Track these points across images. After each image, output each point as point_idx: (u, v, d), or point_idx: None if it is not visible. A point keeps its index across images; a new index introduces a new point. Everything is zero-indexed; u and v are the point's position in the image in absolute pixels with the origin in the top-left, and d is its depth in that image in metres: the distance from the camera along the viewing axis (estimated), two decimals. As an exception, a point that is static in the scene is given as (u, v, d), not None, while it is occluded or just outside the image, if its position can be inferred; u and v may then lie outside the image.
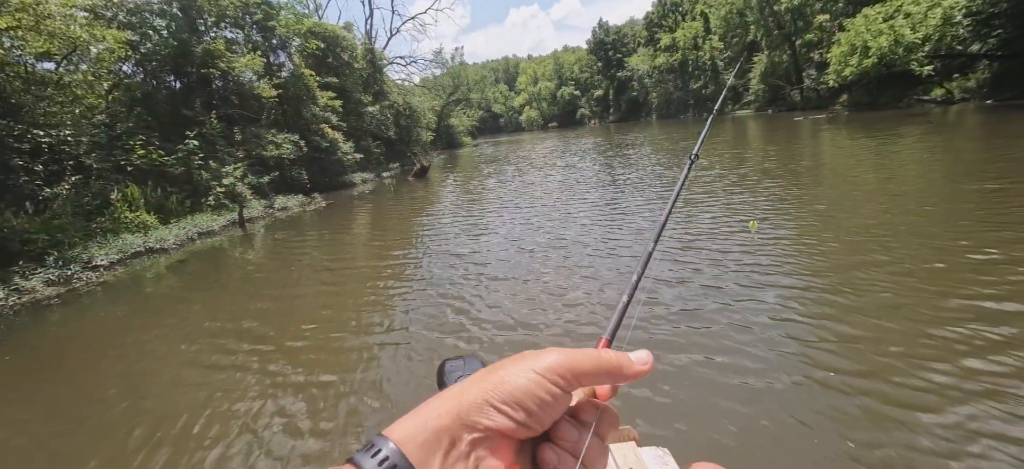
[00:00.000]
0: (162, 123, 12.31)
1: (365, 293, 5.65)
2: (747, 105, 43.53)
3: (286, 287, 6.43)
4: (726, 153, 14.39)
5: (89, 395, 3.93)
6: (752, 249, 5.29)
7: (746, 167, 11.08)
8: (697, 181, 10.05)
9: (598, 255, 5.91)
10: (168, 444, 3.04)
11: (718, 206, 7.52)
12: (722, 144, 17.73)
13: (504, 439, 0.33)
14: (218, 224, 10.90)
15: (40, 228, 8.01)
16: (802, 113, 30.14)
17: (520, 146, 34.72)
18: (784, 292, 4.12)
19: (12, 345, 5.35)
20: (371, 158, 22.92)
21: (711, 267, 4.90)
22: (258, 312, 5.45)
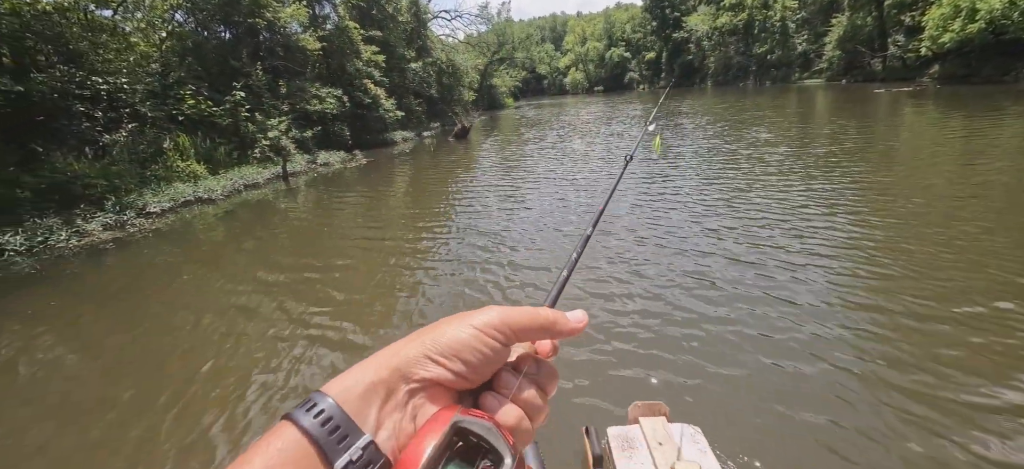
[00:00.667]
0: (211, 74, 12.48)
1: (393, 264, 5.46)
2: (818, 74, 39.67)
3: (325, 244, 6.50)
4: (791, 128, 13.03)
5: (144, 332, 4.18)
6: (827, 250, 4.61)
7: (818, 145, 9.91)
8: (760, 160, 9.11)
9: (641, 242, 5.38)
10: (215, 378, 3.35)
11: (786, 190, 6.70)
12: (787, 117, 16.14)
13: (442, 388, 0.34)
14: (263, 177, 11.09)
15: (99, 173, 8.34)
16: (883, 85, 27.00)
17: (563, 110, 33.47)
18: (857, 316, 3.51)
19: (73, 285, 5.60)
20: (412, 116, 22.71)
21: (782, 271, 4.29)
22: (298, 266, 5.52)
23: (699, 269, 4.40)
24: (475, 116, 31.68)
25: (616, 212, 6.42)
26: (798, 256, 4.43)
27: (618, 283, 4.27)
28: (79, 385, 3.49)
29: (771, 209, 5.88)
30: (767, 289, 3.87)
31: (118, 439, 2.83)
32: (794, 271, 4.13)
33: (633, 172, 8.97)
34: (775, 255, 4.51)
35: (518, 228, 6.29)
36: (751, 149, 10.23)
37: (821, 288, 3.79)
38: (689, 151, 10.98)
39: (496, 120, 31.50)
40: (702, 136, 13.19)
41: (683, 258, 4.71)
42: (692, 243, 5.07)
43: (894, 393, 2.59)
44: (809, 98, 24.86)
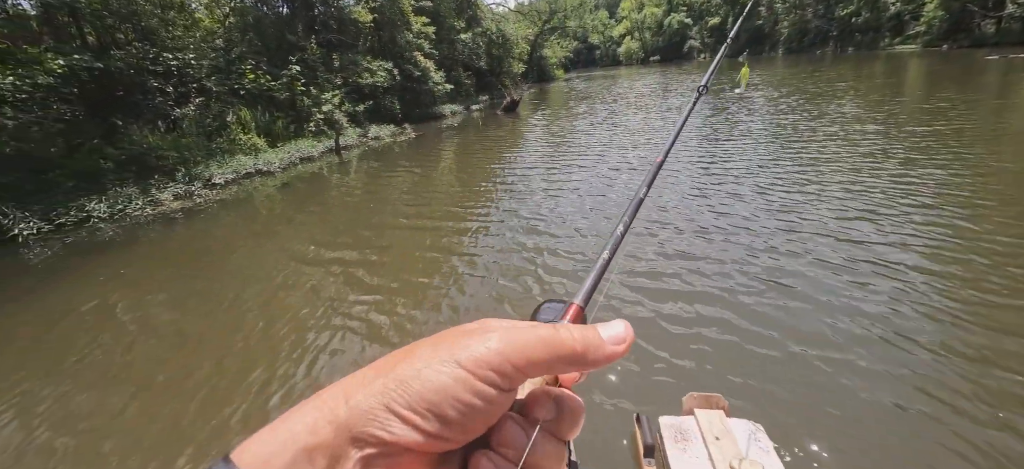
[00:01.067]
0: (269, 49, 12.86)
1: (432, 244, 5.34)
2: (913, 38, 35.02)
3: (374, 217, 6.56)
4: (881, 102, 11.49)
5: (216, 292, 4.55)
6: (933, 252, 3.91)
7: (917, 124, 8.63)
8: (846, 140, 8.08)
9: (702, 233, 4.86)
10: (275, 339, 3.61)
11: (877, 176, 5.84)
12: (876, 89, 14.30)
13: (411, 454, 0.24)
14: (317, 150, 11.39)
15: (170, 145, 8.86)
16: (996, 50, 23.26)
17: (615, 82, 31.93)
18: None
19: (148, 250, 5.99)
20: (461, 89, 22.53)
21: (876, 274, 3.69)
22: (343, 244, 5.57)
23: (771, 265, 3.89)
24: (524, 89, 30.99)
25: (670, 200, 5.89)
26: (894, 255, 3.80)
27: (675, 277, 3.86)
28: (152, 335, 3.87)
29: (860, 198, 5.13)
30: (854, 297, 3.32)
31: (188, 378, 3.20)
32: (890, 275, 3.53)
33: (690, 154, 8.28)
34: (864, 253, 3.90)
35: (563, 211, 5.93)
36: (835, 126, 9.11)
37: (924, 299, 3.20)
38: (758, 127, 9.98)
39: (545, 93, 30.66)
40: (774, 111, 11.98)
41: (752, 252, 4.19)
42: (764, 237, 4.51)
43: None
44: (900, 67, 21.96)
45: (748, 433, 1.89)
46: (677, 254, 4.30)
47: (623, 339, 0.27)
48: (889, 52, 35.02)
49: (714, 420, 1.94)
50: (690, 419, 1.98)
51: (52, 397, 3.12)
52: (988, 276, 3.40)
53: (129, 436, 2.71)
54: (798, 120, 10.22)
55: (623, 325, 0.27)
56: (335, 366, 3.22)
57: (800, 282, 3.60)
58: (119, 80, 9.47)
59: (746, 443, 1.83)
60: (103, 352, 3.65)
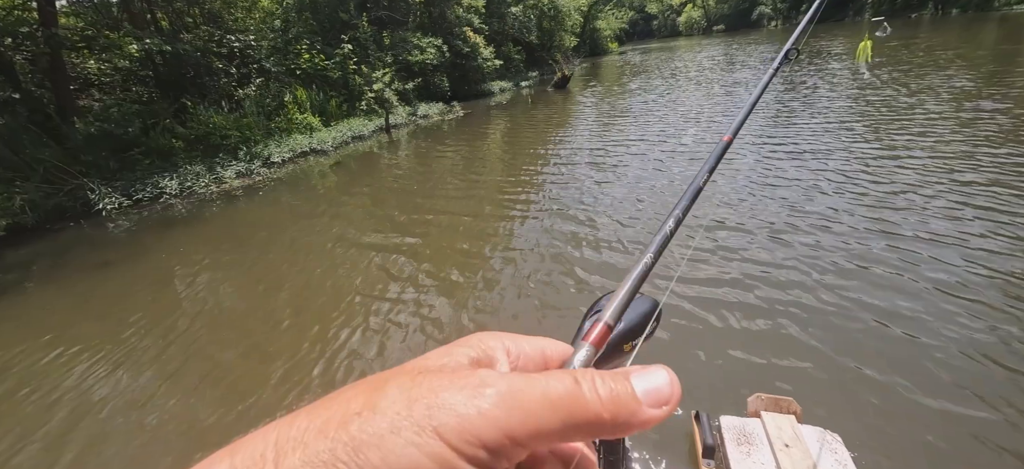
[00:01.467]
0: (323, 28, 13.07)
1: (478, 231, 5.14)
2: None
3: (423, 198, 6.53)
4: (1002, 73, 9.78)
5: (275, 267, 4.81)
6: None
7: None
8: (958, 121, 6.92)
9: (776, 237, 4.27)
10: (329, 312, 3.80)
11: (1001, 168, 4.90)
12: (997, 59, 12.25)
13: None
14: (368, 129, 11.54)
15: (233, 125, 9.26)
16: None
17: (673, 55, 29.94)
18: None
19: (212, 226, 6.31)
20: (511, 65, 22.03)
21: (1005, 298, 3.04)
22: (400, 215, 5.75)
23: (860, 269, 3.33)
24: (576, 63, 29.87)
25: (737, 183, 5.29)
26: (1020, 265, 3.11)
27: (743, 271, 3.50)
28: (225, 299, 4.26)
29: (982, 194, 4.31)
30: (969, 324, 2.73)
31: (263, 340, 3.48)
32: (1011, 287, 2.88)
33: (759, 135, 7.46)
34: (981, 263, 3.22)
35: (610, 202, 5.47)
36: (944, 105, 7.85)
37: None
38: (843, 106, 8.83)
39: (598, 67, 29.38)
40: (860, 85, 10.58)
41: (836, 254, 3.61)
42: (851, 236, 3.89)
43: None
44: (1019, 30, 18.77)
45: (822, 442, 1.74)
46: (744, 251, 3.83)
47: (667, 400, 0.20)
48: (1005, 12, 30.17)
49: (784, 425, 1.80)
50: (756, 422, 1.86)
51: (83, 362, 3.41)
52: None
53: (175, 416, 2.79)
54: (894, 95, 8.94)
55: (666, 376, 0.20)
56: (353, 367, 3.10)
57: (899, 294, 3.03)
58: (188, 62, 9.99)
59: (821, 454, 1.69)
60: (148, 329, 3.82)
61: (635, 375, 0.20)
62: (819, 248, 3.76)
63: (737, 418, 1.90)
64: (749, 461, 1.72)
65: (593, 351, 0.24)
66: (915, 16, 38.80)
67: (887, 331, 2.76)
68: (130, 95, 9.85)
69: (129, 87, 10.16)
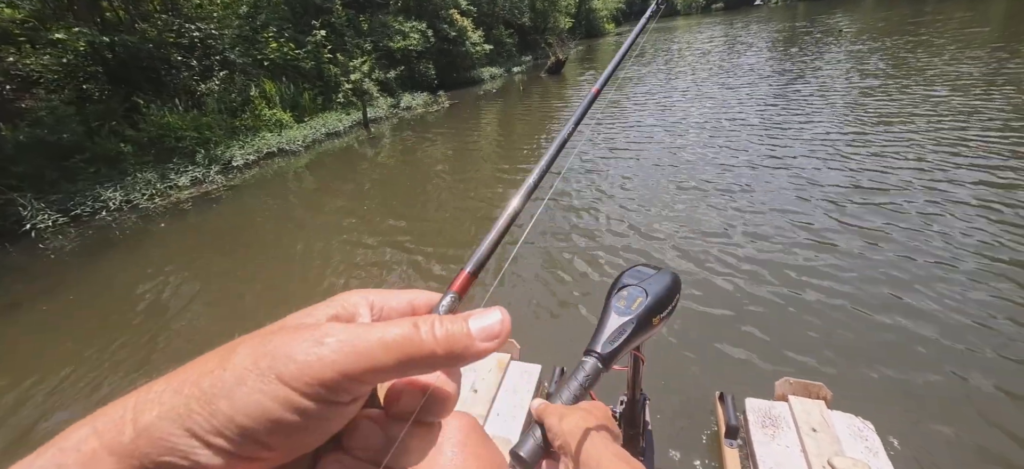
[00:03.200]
0: (295, 13, 12.02)
1: (457, 239, 4.33)
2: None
3: (408, 200, 5.83)
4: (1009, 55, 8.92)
5: (237, 294, 3.88)
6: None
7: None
8: (939, 120, 6.11)
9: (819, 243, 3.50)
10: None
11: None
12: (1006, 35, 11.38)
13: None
14: (344, 125, 10.59)
15: (190, 124, 8.34)
16: None
17: (672, 36, 28.79)
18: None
19: (174, 240, 5.48)
20: (502, 49, 20.91)
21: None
22: (383, 218, 5.10)
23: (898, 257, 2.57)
24: (571, 46, 28.68)
25: (780, 161, 4.49)
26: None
27: (774, 249, 3.28)
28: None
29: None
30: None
31: None
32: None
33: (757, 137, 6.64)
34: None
35: (605, 196, 4.80)
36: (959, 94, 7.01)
37: None
38: (842, 86, 7.95)
39: (594, 50, 28.22)
40: (864, 69, 9.69)
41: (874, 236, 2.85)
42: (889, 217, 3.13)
43: None
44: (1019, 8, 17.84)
45: (853, 430, 1.71)
46: (770, 229, 3.55)
47: (496, 334, 0.22)
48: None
49: (813, 410, 1.78)
50: (783, 405, 1.85)
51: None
52: None
53: None
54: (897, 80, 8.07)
55: (499, 316, 0.23)
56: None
57: (935, 284, 2.74)
58: (141, 55, 9.02)
59: (850, 440, 1.66)
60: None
61: (472, 316, 0.23)
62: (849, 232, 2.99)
63: (763, 401, 1.87)
64: (773, 444, 1.70)
65: (455, 297, 0.27)
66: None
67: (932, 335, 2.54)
68: (80, 93, 8.90)
69: (79, 85, 9.20)
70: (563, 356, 2.39)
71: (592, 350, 0.64)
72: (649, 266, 0.76)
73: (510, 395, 2.04)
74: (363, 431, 0.22)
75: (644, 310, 0.67)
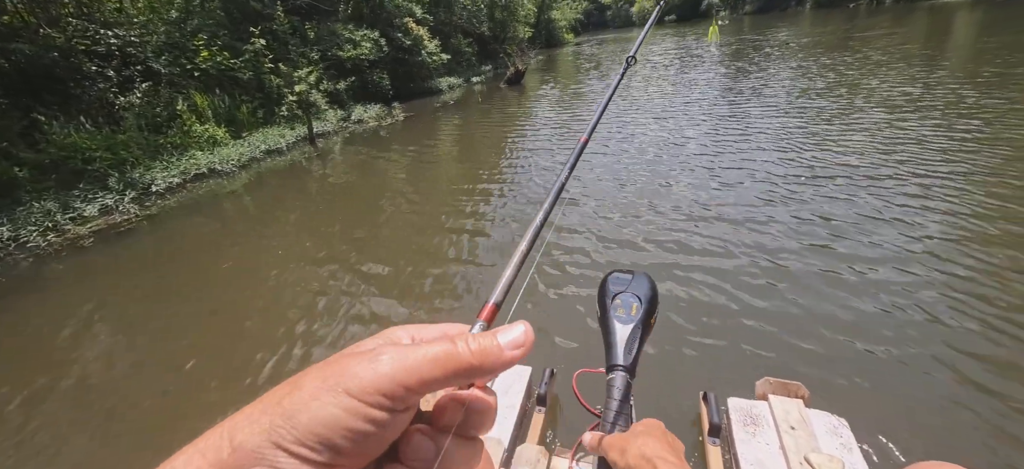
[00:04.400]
0: (232, 19, 11.09)
1: (423, 253, 3.84)
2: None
3: (361, 220, 5.03)
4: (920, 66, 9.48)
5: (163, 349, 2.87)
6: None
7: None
8: (840, 98, 6.30)
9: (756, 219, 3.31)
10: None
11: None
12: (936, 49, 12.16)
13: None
14: (287, 141, 9.78)
15: (102, 144, 7.36)
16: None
17: (629, 46, 29.32)
18: None
19: (73, 281, 4.61)
20: (461, 59, 20.48)
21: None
22: (333, 242, 4.04)
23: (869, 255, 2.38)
24: (532, 56, 28.69)
25: (753, 176, 4.30)
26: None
27: (746, 257, 3.39)
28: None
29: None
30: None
31: None
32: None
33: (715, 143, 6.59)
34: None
35: (566, 213, 4.46)
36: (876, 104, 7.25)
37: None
38: (784, 103, 8.11)
39: (553, 60, 28.33)
40: (810, 82, 10.01)
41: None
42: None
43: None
44: (944, 20, 19.42)
45: (829, 427, 1.77)
46: (746, 238, 3.58)
47: (521, 343, 0.27)
48: (933, 3, 31.74)
49: (791, 409, 1.83)
50: (763, 404, 1.91)
51: None
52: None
53: None
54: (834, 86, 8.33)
55: (523, 329, 0.27)
56: None
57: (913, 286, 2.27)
58: (47, 64, 7.92)
59: (826, 437, 1.73)
60: None
61: (500, 332, 0.27)
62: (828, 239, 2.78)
63: (745, 400, 1.93)
64: (754, 442, 1.75)
65: (483, 325, 0.30)
66: (853, 5, 40.39)
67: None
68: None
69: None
70: (552, 356, 2.72)
71: (616, 365, 0.69)
72: (623, 272, 0.78)
73: (501, 397, 2.05)
74: (415, 442, 0.26)
75: (643, 313, 0.72)
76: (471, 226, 5.07)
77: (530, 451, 1.63)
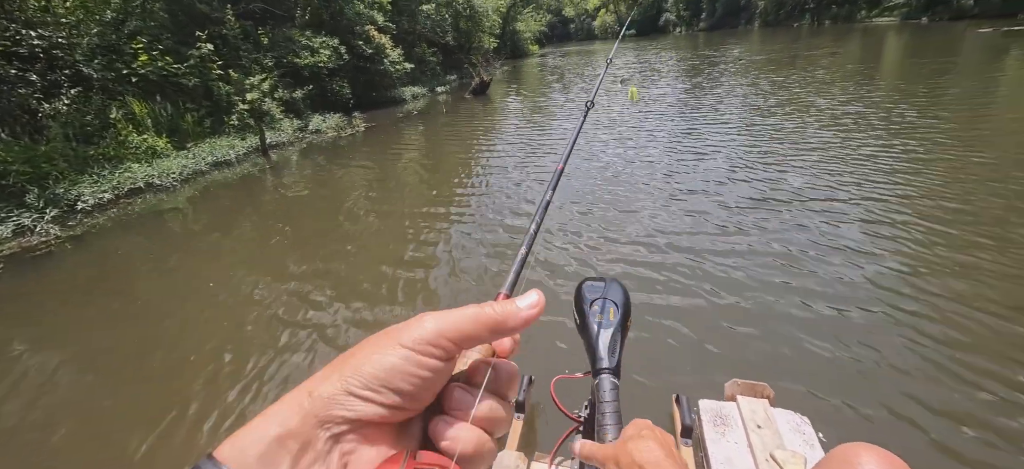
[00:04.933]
0: (177, 22, 10.39)
1: (386, 279, 3.59)
2: (890, 10, 34.43)
3: (319, 238, 4.65)
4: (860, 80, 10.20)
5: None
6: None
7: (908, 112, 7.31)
8: (791, 114, 6.67)
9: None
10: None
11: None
12: (847, 64, 13.09)
13: (375, 426, 0.29)
14: (237, 152, 9.18)
15: (19, 156, 6.61)
16: (992, 23, 22.50)
17: (591, 60, 30.08)
18: None
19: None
20: (425, 68, 20.18)
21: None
22: (288, 263, 3.67)
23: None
24: (497, 66, 28.74)
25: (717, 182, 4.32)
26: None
27: (713, 264, 3.29)
28: None
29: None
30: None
31: None
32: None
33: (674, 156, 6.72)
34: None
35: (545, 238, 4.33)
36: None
37: None
38: (739, 118, 8.45)
39: (519, 71, 28.53)
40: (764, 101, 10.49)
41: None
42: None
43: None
44: (875, 41, 21.06)
45: (793, 425, 1.85)
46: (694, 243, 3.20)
47: (535, 304, 0.33)
48: (866, 25, 34.37)
49: (758, 408, 1.90)
50: (731, 405, 1.97)
51: None
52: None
53: None
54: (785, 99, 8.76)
55: (536, 294, 0.33)
56: None
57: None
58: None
59: (790, 434, 1.80)
60: None
61: (519, 298, 0.33)
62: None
63: (715, 401, 2.01)
64: (724, 441, 1.81)
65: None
66: (797, 25, 43.18)
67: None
68: None
69: None
70: (529, 364, 2.71)
71: (602, 369, 0.70)
72: (595, 279, 0.81)
73: None
74: (456, 395, 0.32)
75: (620, 317, 0.75)
76: (436, 242, 4.86)
77: (510, 458, 1.67)
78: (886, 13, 34.62)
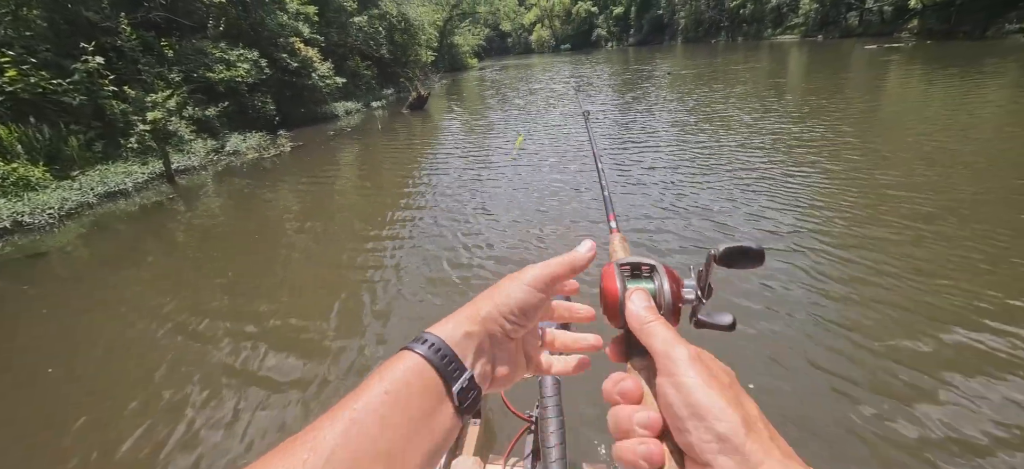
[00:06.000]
0: (59, 32, 9.03)
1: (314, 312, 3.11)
2: (792, 29, 38.35)
3: (235, 275, 3.99)
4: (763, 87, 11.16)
5: None
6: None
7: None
8: (711, 116, 7.15)
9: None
10: None
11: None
12: (758, 75, 14.35)
13: (509, 339, 0.42)
14: (136, 178, 8.06)
15: None
16: (863, 39, 25.72)
17: (530, 72, 30.63)
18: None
19: None
20: (359, 82, 19.35)
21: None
22: (204, 302, 2.99)
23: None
24: (435, 80, 28.30)
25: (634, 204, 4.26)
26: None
27: None
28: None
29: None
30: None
31: None
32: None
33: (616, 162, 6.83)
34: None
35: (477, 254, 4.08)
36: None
37: None
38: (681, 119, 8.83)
39: (458, 84, 28.31)
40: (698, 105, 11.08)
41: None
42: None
43: None
44: (781, 55, 23.32)
45: None
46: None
47: (591, 248, 0.44)
48: (772, 42, 37.97)
49: None
50: None
51: None
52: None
53: None
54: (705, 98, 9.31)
55: (589, 242, 0.44)
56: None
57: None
58: None
59: None
60: None
61: (578, 247, 0.44)
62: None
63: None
64: None
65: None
66: (714, 41, 46.88)
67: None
68: None
69: None
70: None
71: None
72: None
73: None
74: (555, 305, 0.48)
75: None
76: (374, 267, 4.45)
77: (466, 463, 1.69)
78: (788, 31, 38.57)
